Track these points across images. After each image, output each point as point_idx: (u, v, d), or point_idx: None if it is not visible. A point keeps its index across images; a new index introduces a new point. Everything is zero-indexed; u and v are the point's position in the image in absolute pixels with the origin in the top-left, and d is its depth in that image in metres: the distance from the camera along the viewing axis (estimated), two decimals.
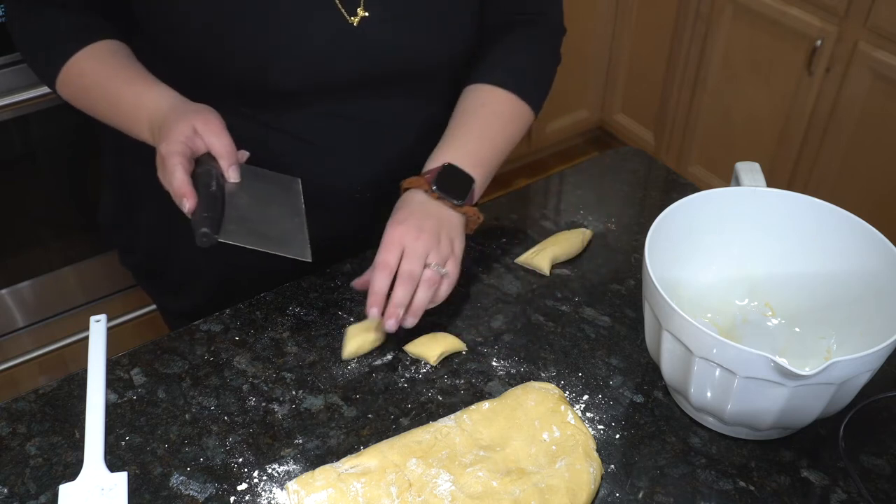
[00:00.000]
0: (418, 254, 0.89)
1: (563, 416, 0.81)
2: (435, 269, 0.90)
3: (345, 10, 0.91)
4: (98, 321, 0.92)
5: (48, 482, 0.78)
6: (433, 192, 0.94)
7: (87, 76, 0.94)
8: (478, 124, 1.00)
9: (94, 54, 0.94)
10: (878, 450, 0.82)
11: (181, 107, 0.89)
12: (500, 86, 1.02)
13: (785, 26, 2.04)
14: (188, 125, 0.85)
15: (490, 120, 1.01)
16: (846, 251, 0.85)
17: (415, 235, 0.90)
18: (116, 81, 0.93)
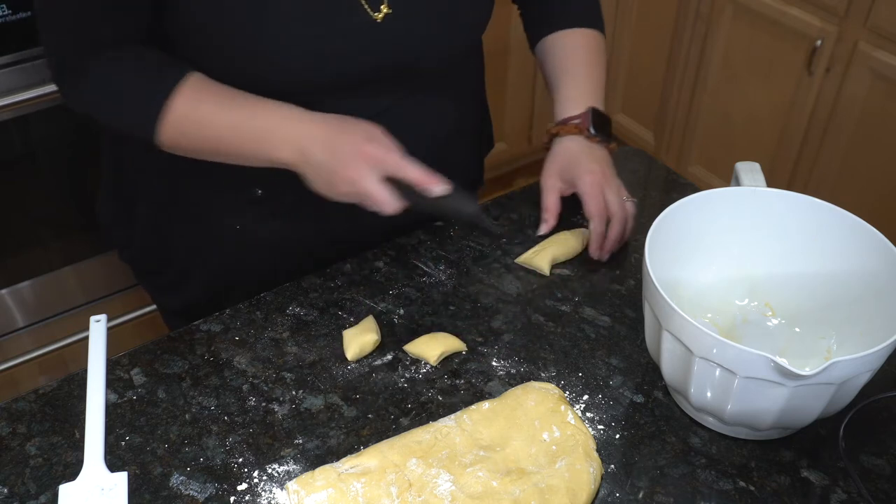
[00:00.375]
0: (617, 194, 1.02)
1: (563, 416, 0.81)
2: (631, 202, 1.04)
3: (369, 7, 0.92)
4: (98, 321, 0.92)
5: (48, 482, 0.78)
6: (592, 136, 1.05)
7: (198, 114, 0.90)
8: (585, 65, 1.10)
9: (194, 90, 0.90)
10: (878, 450, 0.82)
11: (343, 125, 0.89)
12: (584, 26, 1.13)
13: (785, 26, 2.04)
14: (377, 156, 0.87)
15: (591, 58, 1.11)
16: (846, 251, 0.85)
17: (607, 179, 1.02)
18: (238, 111, 0.90)
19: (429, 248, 1.06)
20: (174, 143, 0.92)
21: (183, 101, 0.89)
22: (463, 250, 1.05)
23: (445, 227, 1.09)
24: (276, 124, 0.89)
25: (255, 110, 0.90)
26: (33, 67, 1.50)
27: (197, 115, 0.90)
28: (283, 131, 0.89)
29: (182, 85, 0.89)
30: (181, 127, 0.90)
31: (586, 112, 1.05)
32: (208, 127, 0.91)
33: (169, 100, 0.89)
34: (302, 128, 0.89)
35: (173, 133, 0.91)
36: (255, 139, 0.90)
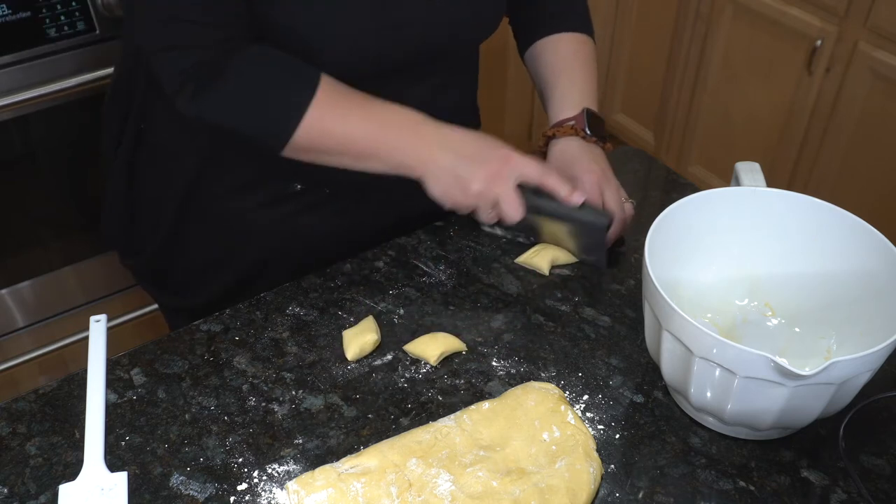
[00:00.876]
0: (616, 194, 1.02)
1: (563, 416, 0.81)
2: (630, 203, 1.05)
3: None
4: (98, 321, 0.92)
5: (48, 482, 0.78)
6: (589, 136, 1.05)
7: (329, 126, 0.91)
8: (579, 68, 1.11)
9: (327, 101, 0.91)
10: (878, 450, 0.82)
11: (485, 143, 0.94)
12: (574, 31, 1.14)
13: (785, 26, 2.04)
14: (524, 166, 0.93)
15: (585, 63, 1.13)
16: (846, 251, 0.85)
17: (607, 179, 1.02)
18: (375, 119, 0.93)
19: (429, 248, 1.06)
20: (305, 147, 0.92)
21: (320, 106, 0.90)
22: (463, 250, 1.05)
23: (445, 227, 1.09)
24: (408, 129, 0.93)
25: (387, 118, 0.94)
26: (33, 67, 1.50)
27: (331, 122, 0.91)
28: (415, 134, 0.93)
29: (319, 90, 0.90)
30: (315, 133, 0.91)
31: (581, 113, 1.06)
32: (342, 134, 0.92)
33: (309, 105, 0.89)
34: (435, 131, 0.93)
35: (306, 139, 0.91)
36: (385, 146, 0.93)
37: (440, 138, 0.93)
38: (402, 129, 0.93)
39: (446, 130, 0.94)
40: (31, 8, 1.45)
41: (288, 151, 0.92)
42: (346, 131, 0.92)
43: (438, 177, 0.93)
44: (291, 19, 0.90)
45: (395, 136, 0.93)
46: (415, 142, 0.93)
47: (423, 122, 0.94)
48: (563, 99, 1.09)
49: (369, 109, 0.93)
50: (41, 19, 1.47)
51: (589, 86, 1.10)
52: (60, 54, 1.52)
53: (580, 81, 1.10)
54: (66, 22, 1.49)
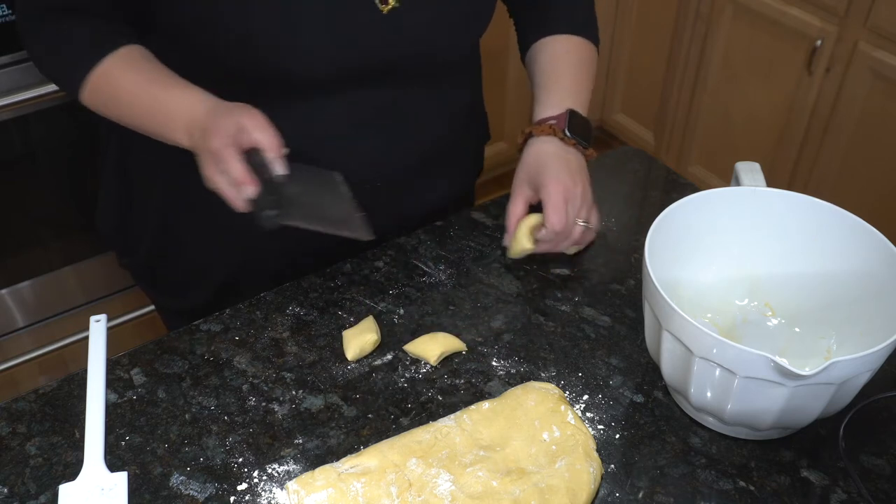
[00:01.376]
0: (576, 212, 0.98)
1: (563, 416, 0.81)
2: (584, 227, 0.99)
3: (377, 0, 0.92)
4: (98, 321, 0.92)
5: (48, 482, 0.78)
6: (568, 138, 1.00)
7: (116, 81, 0.93)
8: (570, 70, 1.07)
9: (122, 60, 0.93)
10: (878, 450, 0.82)
11: (222, 106, 0.89)
12: (571, 33, 1.10)
13: (785, 26, 2.04)
14: (233, 121, 0.86)
15: (578, 64, 1.08)
16: (846, 251, 0.85)
17: (573, 191, 0.97)
18: (150, 84, 0.93)
19: (429, 248, 1.06)
20: (92, 102, 0.96)
21: (110, 64, 0.93)
22: (463, 250, 1.05)
23: (445, 226, 1.09)
24: (180, 107, 0.91)
25: (169, 92, 0.92)
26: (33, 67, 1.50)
27: (113, 89, 0.94)
28: (185, 115, 0.90)
29: (118, 50, 0.93)
30: (99, 95, 0.94)
31: (564, 113, 1.02)
32: (121, 99, 0.94)
33: (99, 61, 0.92)
34: (190, 110, 0.90)
35: (92, 99, 0.95)
36: (159, 119, 0.92)
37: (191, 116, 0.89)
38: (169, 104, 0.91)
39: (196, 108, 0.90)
40: None
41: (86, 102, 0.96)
42: (127, 93, 0.93)
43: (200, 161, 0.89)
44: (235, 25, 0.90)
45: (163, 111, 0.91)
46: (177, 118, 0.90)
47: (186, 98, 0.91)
48: (548, 97, 1.05)
49: (154, 78, 0.93)
50: None
51: (577, 86, 1.06)
52: None
53: (568, 82, 1.06)
54: None
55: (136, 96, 0.93)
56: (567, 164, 0.99)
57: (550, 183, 0.97)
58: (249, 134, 0.85)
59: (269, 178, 0.85)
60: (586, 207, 0.99)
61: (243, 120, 0.86)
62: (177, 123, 0.90)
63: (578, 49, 1.10)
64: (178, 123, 0.90)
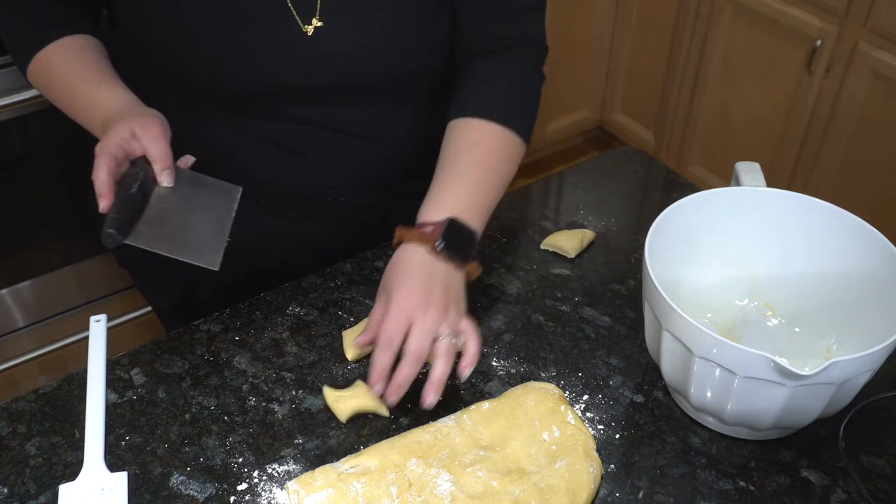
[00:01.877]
0: (428, 330, 0.81)
1: (563, 416, 0.81)
2: (448, 341, 0.82)
3: (300, 20, 0.91)
4: (98, 321, 0.92)
5: (48, 482, 0.78)
6: (439, 251, 0.85)
7: (53, 68, 0.95)
8: (471, 167, 0.92)
9: (65, 48, 0.95)
10: (878, 450, 0.82)
11: (129, 109, 0.90)
12: (488, 119, 0.94)
13: (785, 26, 2.04)
14: (127, 127, 0.86)
15: (483, 161, 0.93)
16: (846, 251, 0.85)
17: (424, 309, 0.82)
18: (79, 77, 0.94)
19: None
20: (38, 89, 0.99)
21: (50, 55, 0.95)
22: None
23: None
24: (99, 102, 0.92)
25: (95, 85, 0.94)
26: None
27: (51, 73, 0.96)
28: (101, 110, 0.92)
29: (67, 37, 0.95)
30: (39, 78, 0.97)
31: (442, 222, 0.86)
32: (56, 84, 0.96)
33: (42, 49, 0.95)
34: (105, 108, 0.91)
35: (34, 81, 0.98)
36: (81, 109, 0.94)
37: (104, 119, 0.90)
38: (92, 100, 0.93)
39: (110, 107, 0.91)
40: None
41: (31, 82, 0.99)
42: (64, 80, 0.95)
43: None
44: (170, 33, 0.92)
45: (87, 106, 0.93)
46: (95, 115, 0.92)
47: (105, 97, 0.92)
48: (433, 199, 0.90)
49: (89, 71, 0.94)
50: None
51: (472, 190, 0.90)
52: None
53: (463, 183, 0.90)
54: None
55: (68, 82, 0.95)
56: (428, 279, 0.84)
57: (400, 297, 0.82)
58: (139, 142, 0.85)
59: (133, 192, 0.83)
60: (448, 322, 0.83)
61: (137, 127, 0.86)
62: (94, 116, 0.92)
63: (488, 143, 0.94)
64: (95, 116, 0.92)
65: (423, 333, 0.81)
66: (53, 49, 0.95)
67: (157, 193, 0.87)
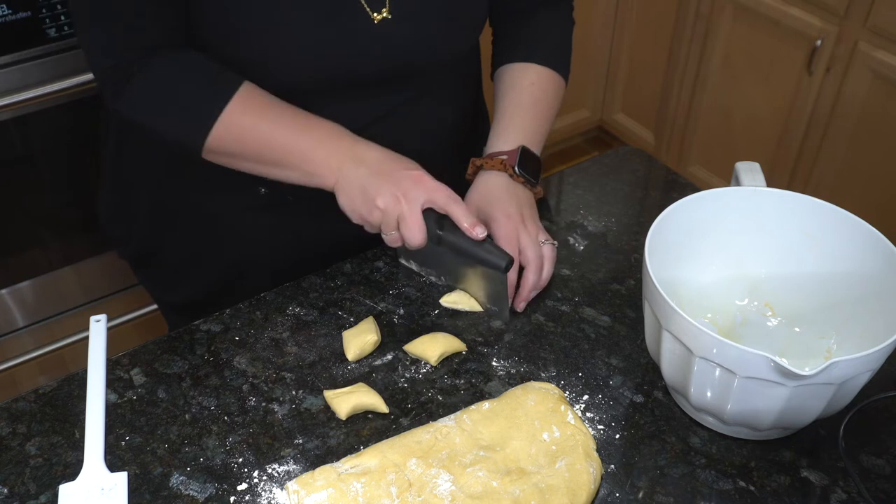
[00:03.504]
0: (533, 239, 0.96)
1: (563, 416, 0.81)
2: (550, 244, 0.98)
3: (369, 9, 0.92)
4: (98, 321, 0.92)
5: (48, 482, 0.78)
6: (517, 175, 0.99)
7: (245, 131, 0.91)
8: (531, 103, 1.06)
9: (245, 106, 0.91)
10: (878, 450, 0.82)
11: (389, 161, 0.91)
12: (541, 63, 1.08)
13: (785, 26, 2.04)
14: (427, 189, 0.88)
15: (540, 98, 1.07)
16: (846, 251, 0.85)
17: (523, 225, 0.96)
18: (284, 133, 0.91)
19: None
20: (221, 151, 0.92)
21: (236, 110, 0.90)
22: None
23: None
24: (324, 140, 0.91)
25: (304, 126, 0.92)
26: (33, 67, 1.50)
27: (247, 126, 0.91)
28: (330, 145, 0.91)
29: (237, 94, 0.90)
30: (230, 136, 0.91)
31: (515, 149, 1.01)
32: (257, 139, 0.91)
33: (225, 108, 0.90)
34: (352, 145, 0.91)
35: (221, 142, 0.91)
36: (299, 155, 0.91)
37: (354, 152, 0.91)
38: (316, 139, 0.91)
39: (362, 145, 0.91)
40: (31, 8, 1.45)
41: (206, 154, 0.93)
42: (260, 136, 0.91)
43: (346, 190, 0.90)
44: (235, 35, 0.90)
45: (308, 145, 0.91)
46: (327, 152, 0.91)
47: (340, 134, 0.92)
48: (503, 131, 1.04)
49: (286, 117, 0.92)
50: (41, 19, 1.47)
51: (534, 122, 1.05)
52: (60, 54, 1.51)
53: (526, 116, 1.04)
54: (66, 22, 1.49)
55: (275, 138, 0.91)
56: (516, 199, 0.99)
57: (501, 216, 0.96)
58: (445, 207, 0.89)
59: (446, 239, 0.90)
60: (542, 235, 0.99)
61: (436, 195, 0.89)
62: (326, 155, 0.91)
63: (544, 82, 1.08)
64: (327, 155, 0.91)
65: (532, 242, 0.96)
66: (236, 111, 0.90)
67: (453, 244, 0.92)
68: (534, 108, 1.05)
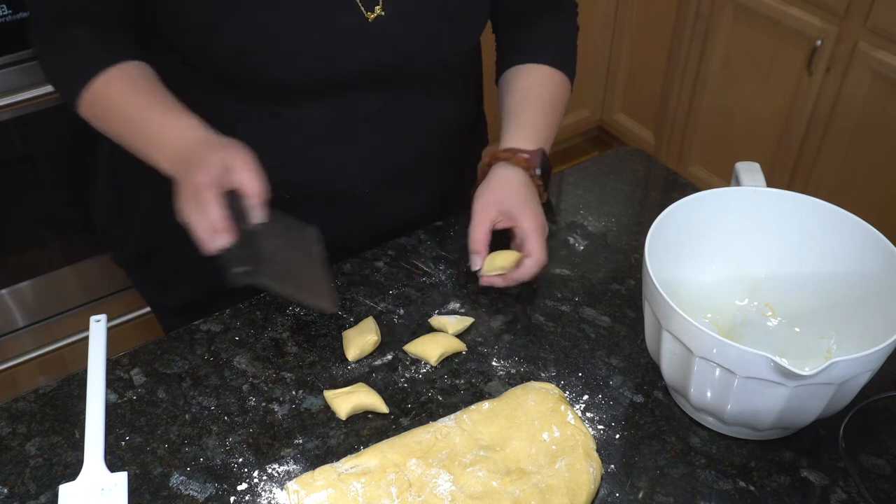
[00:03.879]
0: (545, 238, 0.97)
1: (563, 416, 0.81)
2: None
3: (363, 7, 0.92)
4: (98, 321, 0.92)
5: (48, 482, 0.78)
6: (536, 175, 1.01)
7: (110, 99, 0.93)
8: (542, 104, 1.07)
9: (119, 77, 0.93)
10: (878, 450, 0.82)
11: (212, 139, 0.88)
12: (548, 64, 1.10)
13: (785, 26, 2.04)
14: (220, 158, 0.84)
15: (548, 99, 1.08)
16: (846, 251, 0.85)
17: (543, 223, 0.98)
18: (140, 107, 0.92)
19: (429, 248, 1.06)
20: (88, 117, 0.96)
21: (107, 80, 0.93)
22: (463, 250, 1.05)
23: (445, 226, 1.09)
24: (168, 133, 0.90)
25: (160, 115, 0.91)
26: (33, 67, 1.50)
27: (107, 104, 0.94)
28: (171, 141, 0.89)
29: (118, 66, 0.93)
30: (93, 109, 0.95)
31: (537, 151, 1.01)
32: (114, 115, 0.94)
33: (98, 74, 0.92)
34: (180, 139, 0.88)
35: (86, 112, 0.95)
36: (145, 140, 0.92)
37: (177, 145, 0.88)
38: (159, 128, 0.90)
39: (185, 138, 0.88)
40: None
41: (83, 115, 0.96)
42: (121, 112, 0.93)
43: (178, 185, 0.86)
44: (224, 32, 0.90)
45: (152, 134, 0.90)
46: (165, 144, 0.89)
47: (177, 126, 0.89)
48: (518, 129, 1.04)
49: (148, 101, 0.92)
50: None
51: (546, 122, 1.06)
52: None
53: (538, 116, 1.05)
54: None
55: (127, 113, 0.93)
56: (536, 200, 1.00)
57: (532, 215, 0.96)
58: (235, 174, 0.83)
59: (245, 228, 0.81)
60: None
61: (231, 159, 0.83)
62: (162, 147, 0.90)
63: (552, 83, 1.09)
64: (163, 147, 0.90)
65: (544, 243, 0.96)
66: (107, 79, 0.93)
67: (250, 230, 0.83)
68: (544, 109, 1.06)
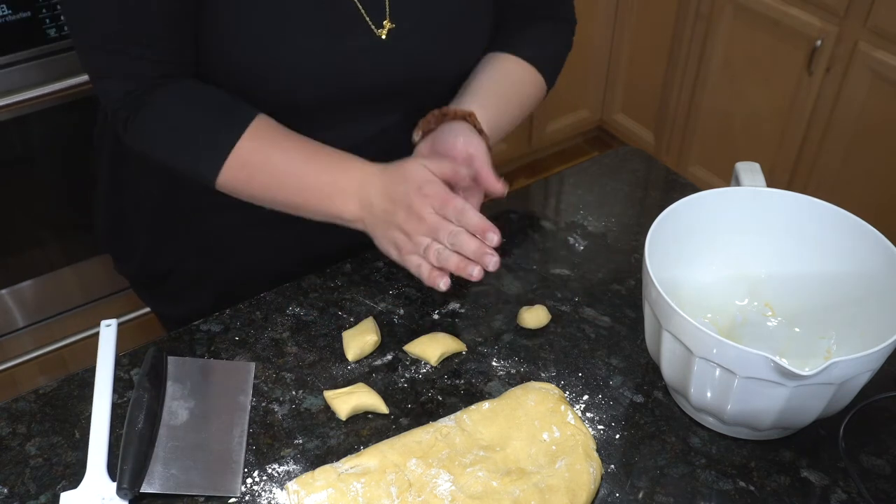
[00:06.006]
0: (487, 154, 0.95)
1: (563, 416, 0.81)
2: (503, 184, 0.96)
3: (372, 24, 0.92)
4: (109, 326, 0.90)
5: (48, 482, 0.78)
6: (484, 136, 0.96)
7: (257, 166, 0.89)
8: (502, 89, 1.03)
9: (256, 140, 0.89)
10: (878, 450, 0.82)
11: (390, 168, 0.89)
12: (533, 64, 1.07)
13: (785, 26, 2.04)
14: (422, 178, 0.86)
15: (519, 91, 1.05)
16: (846, 251, 0.85)
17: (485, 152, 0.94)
18: (296, 161, 0.90)
19: None
20: (233, 185, 0.91)
21: (249, 144, 0.88)
22: None
23: None
24: (339, 177, 0.89)
25: (322, 163, 0.90)
26: (33, 67, 1.50)
27: (261, 161, 0.89)
28: (345, 184, 0.89)
29: (250, 127, 0.89)
30: (244, 171, 0.89)
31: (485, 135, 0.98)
32: (271, 175, 0.90)
33: (237, 142, 0.88)
34: (361, 178, 0.89)
35: (234, 176, 0.90)
36: (320, 194, 0.90)
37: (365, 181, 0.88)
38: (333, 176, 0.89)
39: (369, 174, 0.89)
40: (31, 8, 1.45)
41: (224, 186, 0.91)
42: (279, 171, 0.90)
43: (375, 228, 0.89)
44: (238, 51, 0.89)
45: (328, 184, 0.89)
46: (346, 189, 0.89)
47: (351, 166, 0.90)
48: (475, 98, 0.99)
49: (307, 153, 0.91)
50: (41, 19, 1.47)
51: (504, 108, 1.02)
52: (60, 54, 1.52)
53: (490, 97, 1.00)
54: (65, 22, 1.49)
55: (291, 174, 0.90)
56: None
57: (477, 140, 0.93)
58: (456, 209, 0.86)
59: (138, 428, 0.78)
60: None
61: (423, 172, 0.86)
62: (345, 196, 0.89)
63: (525, 79, 1.06)
64: (346, 196, 0.89)
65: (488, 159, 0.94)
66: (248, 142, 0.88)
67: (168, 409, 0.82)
68: (501, 93, 1.02)
